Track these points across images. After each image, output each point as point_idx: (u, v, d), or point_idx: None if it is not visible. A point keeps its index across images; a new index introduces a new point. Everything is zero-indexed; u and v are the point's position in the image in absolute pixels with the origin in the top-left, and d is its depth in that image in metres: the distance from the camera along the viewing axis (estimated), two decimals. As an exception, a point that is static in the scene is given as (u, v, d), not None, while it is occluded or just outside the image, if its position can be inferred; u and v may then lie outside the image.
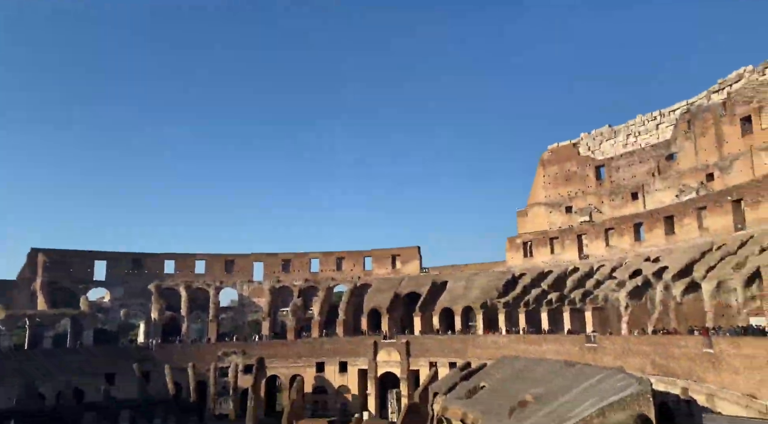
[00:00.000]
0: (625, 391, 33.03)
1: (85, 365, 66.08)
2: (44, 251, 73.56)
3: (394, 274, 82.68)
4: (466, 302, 69.20)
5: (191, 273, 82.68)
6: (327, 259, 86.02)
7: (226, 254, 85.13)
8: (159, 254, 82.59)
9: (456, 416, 48.60)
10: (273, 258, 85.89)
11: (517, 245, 74.01)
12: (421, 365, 67.44)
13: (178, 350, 72.46)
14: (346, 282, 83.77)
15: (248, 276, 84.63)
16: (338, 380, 71.94)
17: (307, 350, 74.21)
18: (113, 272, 78.35)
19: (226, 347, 73.96)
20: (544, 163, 76.47)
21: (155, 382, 68.39)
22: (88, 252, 77.89)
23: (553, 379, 45.95)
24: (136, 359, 68.81)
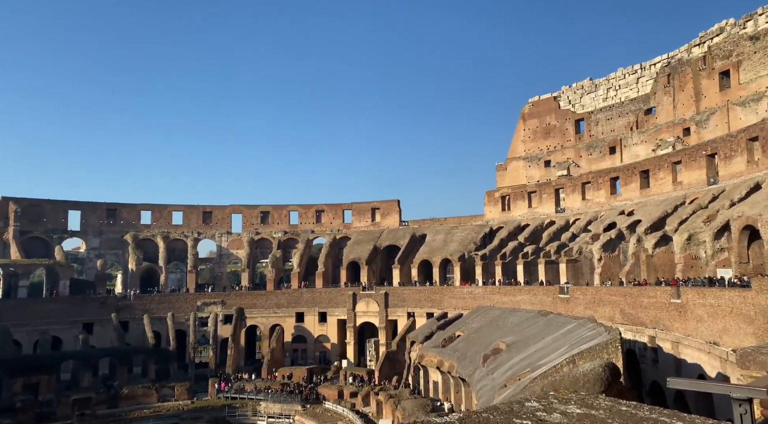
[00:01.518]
0: (594, 339, 34.11)
1: (62, 314, 65.88)
2: (15, 200, 71.81)
3: (374, 227, 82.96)
4: (444, 255, 70.03)
5: (168, 224, 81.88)
6: (306, 211, 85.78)
7: (204, 205, 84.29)
8: (135, 204, 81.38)
9: (432, 364, 49.99)
10: (252, 210, 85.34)
11: (495, 199, 74.51)
12: (399, 316, 68.71)
13: (156, 300, 72.51)
14: (326, 235, 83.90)
15: (227, 227, 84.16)
16: (317, 329, 73.07)
17: (287, 300, 74.90)
18: (88, 222, 77.19)
19: (205, 297, 74.28)
20: (524, 116, 76.16)
21: (134, 331, 68.74)
22: (62, 201, 76.33)
23: (526, 328, 47.21)
24: (114, 309, 68.81)
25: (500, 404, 4.69)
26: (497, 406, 4.69)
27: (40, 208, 73.90)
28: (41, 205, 74.21)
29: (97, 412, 54.13)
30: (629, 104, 64.89)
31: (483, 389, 38.39)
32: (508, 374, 37.78)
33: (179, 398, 58.86)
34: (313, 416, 53.30)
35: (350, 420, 50.95)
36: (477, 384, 40.34)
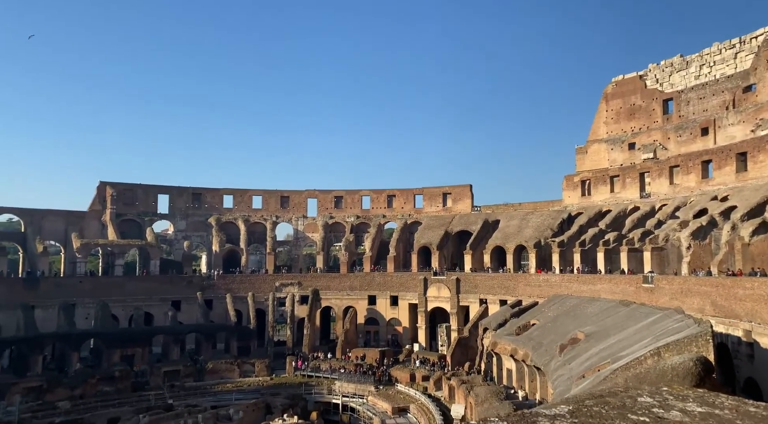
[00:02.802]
0: (682, 332, 32.28)
1: (153, 292, 70.65)
2: (112, 184, 77.30)
3: (445, 212, 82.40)
4: (518, 241, 68.51)
5: (249, 208, 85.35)
6: (378, 196, 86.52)
7: (281, 190, 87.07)
8: (218, 188, 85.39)
9: (505, 352, 49.27)
10: (326, 195, 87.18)
11: (574, 184, 71.74)
12: (471, 302, 68.14)
13: (237, 280, 76.04)
14: (397, 219, 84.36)
15: (303, 212, 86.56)
16: (389, 313, 73.95)
17: (359, 283, 76.21)
18: (176, 206, 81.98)
19: (282, 278, 77.01)
20: (607, 97, 72.45)
21: (217, 309, 72.60)
22: (152, 186, 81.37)
23: (606, 318, 45.43)
24: (199, 288, 72.93)
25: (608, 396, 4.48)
26: (607, 400, 4.48)
27: (133, 193, 79.21)
28: (134, 189, 79.50)
29: (185, 384, 57.80)
30: (725, 82, 60.06)
31: (560, 379, 37.42)
32: (586, 364, 36.58)
33: (259, 374, 61.68)
34: (386, 398, 54.18)
35: (422, 403, 51.36)
36: (553, 374, 39.37)
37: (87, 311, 65.22)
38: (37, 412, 47.49)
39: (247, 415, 47.56)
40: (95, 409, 49.39)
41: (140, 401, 52.18)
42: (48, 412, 47.99)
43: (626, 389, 5.38)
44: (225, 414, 46.42)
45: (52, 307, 62.91)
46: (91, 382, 53.91)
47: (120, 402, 51.73)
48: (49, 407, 49.12)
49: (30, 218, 71.41)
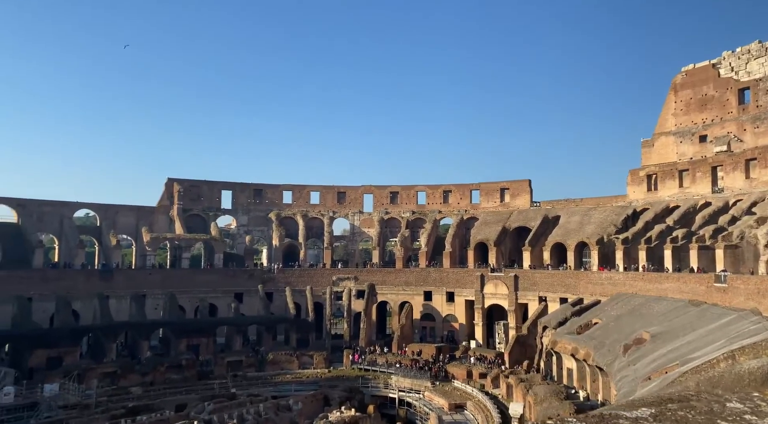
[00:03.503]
0: (760, 334, 30.49)
1: (217, 284, 73.50)
2: (179, 181, 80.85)
3: (503, 208, 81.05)
4: (580, 237, 66.54)
5: (307, 203, 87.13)
6: (434, 192, 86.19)
7: (338, 186, 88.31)
8: (278, 185, 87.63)
9: (566, 350, 48.11)
10: (382, 190, 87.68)
11: (639, 178, 68.87)
12: (530, 299, 66.83)
13: (296, 274, 77.85)
14: (453, 215, 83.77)
15: (359, 207, 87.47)
16: (445, 309, 73.63)
17: (415, 278, 76.27)
18: (238, 202, 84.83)
19: (339, 272, 78.17)
20: (676, 87, 68.98)
21: (277, 302, 74.65)
22: (216, 182, 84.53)
23: (673, 318, 43.52)
24: (260, 281, 75.21)
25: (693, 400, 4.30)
26: (693, 404, 4.30)
27: (198, 189, 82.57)
28: (200, 185, 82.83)
29: (247, 374, 59.78)
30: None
31: (624, 380, 36.22)
32: (652, 366, 35.23)
33: (317, 366, 62.97)
34: (443, 394, 54.08)
35: (479, 400, 50.94)
36: (616, 374, 38.14)
37: (156, 301, 68.67)
38: (112, 396, 50.38)
39: (306, 406, 48.60)
40: (164, 395, 51.85)
41: (205, 389, 54.39)
42: (122, 396, 50.83)
43: (698, 393, 5.14)
44: (285, 404, 47.60)
45: (125, 297, 66.66)
46: (160, 369, 56.72)
47: (187, 389, 54.10)
48: (122, 392, 52.04)
49: (105, 213, 75.76)
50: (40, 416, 42.74)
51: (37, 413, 43.21)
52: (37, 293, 61.51)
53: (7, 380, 47.90)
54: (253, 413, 43.70)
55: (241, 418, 42.59)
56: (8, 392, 44.93)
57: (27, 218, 69.01)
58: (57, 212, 71.47)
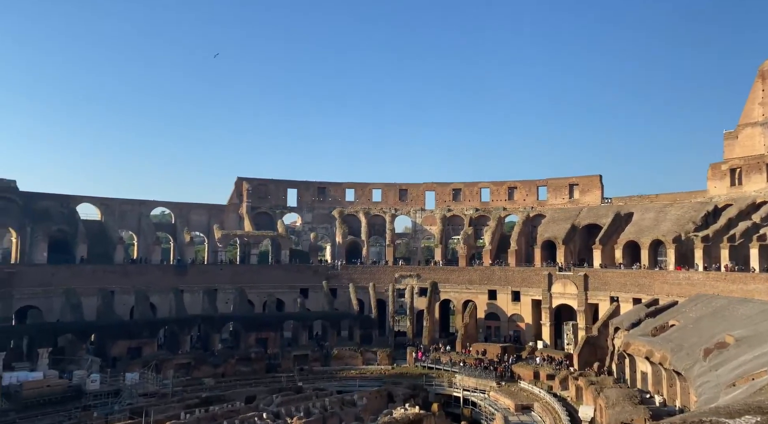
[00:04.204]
0: None
1: (284, 279, 75.60)
2: (247, 180, 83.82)
3: (572, 204, 78.37)
4: (655, 235, 63.26)
5: (369, 201, 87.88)
6: (498, 188, 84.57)
7: (400, 183, 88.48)
8: (341, 183, 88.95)
9: (640, 353, 45.86)
10: (444, 187, 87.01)
11: (722, 173, 64.62)
12: (601, 300, 64.27)
13: (359, 270, 78.68)
14: (518, 212, 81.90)
15: (421, 204, 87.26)
16: (511, 308, 72.12)
17: (479, 277, 75.14)
18: (303, 200, 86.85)
19: (402, 270, 78.28)
20: (764, 75, 64.14)
21: (341, 298, 75.77)
22: (282, 181, 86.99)
23: (761, 322, 40.50)
24: (324, 277, 76.60)
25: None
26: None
27: (266, 187, 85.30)
28: (267, 184, 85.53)
29: (313, 368, 60.99)
30: None
31: (705, 385, 34.05)
32: (737, 371, 32.92)
33: (381, 362, 63.34)
34: (508, 394, 52.96)
35: (547, 402, 49.50)
36: (696, 380, 35.92)
37: (227, 296, 71.43)
38: (187, 386, 52.82)
39: (370, 402, 48.93)
40: (234, 387, 53.79)
41: (273, 382, 55.91)
42: (196, 387, 53.19)
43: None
44: (350, 400, 48.16)
45: (198, 292, 69.77)
46: (231, 362, 58.89)
47: (255, 382, 55.89)
48: (196, 383, 54.45)
49: (179, 211, 79.64)
50: (122, 402, 45.40)
51: (120, 400, 45.94)
52: (118, 286, 65.46)
53: (93, 368, 51.26)
54: (319, 407, 44.50)
55: (308, 411, 43.48)
56: (95, 380, 48.09)
57: (109, 216, 73.55)
58: (136, 211, 75.77)
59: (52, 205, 68.37)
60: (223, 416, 41.14)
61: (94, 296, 62.41)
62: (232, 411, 42.86)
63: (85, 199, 73.01)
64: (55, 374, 49.57)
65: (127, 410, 43.04)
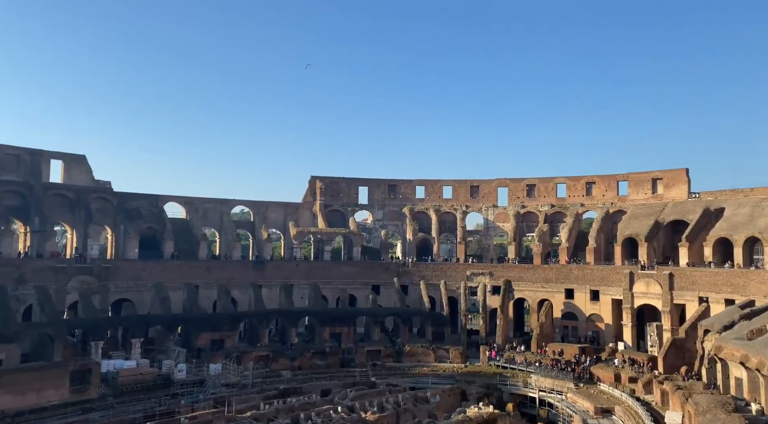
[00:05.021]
0: None
1: (356, 276, 76.91)
2: (321, 178, 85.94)
3: (655, 200, 74.30)
4: (750, 232, 58.84)
5: (439, 198, 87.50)
6: (575, 184, 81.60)
7: (471, 180, 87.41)
8: (411, 180, 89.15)
9: (733, 358, 42.79)
10: (517, 183, 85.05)
11: (827, 163, 59.06)
12: (688, 300, 60.58)
13: (430, 268, 78.55)
14: (597, 208, 78.68)
15: (493, 201, 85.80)
16: (589, 308, 69.48)
17: (555, 275, 72.90)
18: (373, 197, 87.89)
19: (474, 268, 77.37)
20: None
21: (412, 295, 76.00)
22: (354, 179, 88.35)
23: None
24: (395, 274, 77.12)
25: None
26: None
27: (337, 185, 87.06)
28: (339, 182, 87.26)
29: (386, 364, 61.58)
30: None
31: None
32: None
33: (453, 360, 62.97)
34: (587, 396, 51.09)
35: (629, 406, 47.31)
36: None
37: (302, 291, 73.60)
38: (266, 378, 54.90)
39: (443, 400, 48.82)
40: (310, 380, 55.31)
41: (347, 376, 56.95)
42: (274, 379, 55.15)
43: None
44: (423, 397, 48.24)
45: (275, 287, 72.36)
46: (306, 355, 60.59)
47: (330, 376, 57.16)
48: (274, 375, 56.45)
49: (257, 209, 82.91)
50: (207, 392, 47.87)
51: (204, 389, 48.44)
52: (202, 281, 69.03)
53: (180, 359, 54.39)
54: (393, 403, 44.88)
55: (381, 407, 43.97)
56: (181, 369, 51.02)
57: (193, 214, 77.66)
58: (217, 209, 79.57)
59: (143, 205, 73.08)
60: (300, 408, 42.41)
61: (181, 289, 66.18)
62: (308, 404, 44.12)
63: (172, 198, 77.43)
64: (146, 363, 53.07)
65: (211, 399, 45.33)
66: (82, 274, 61.83)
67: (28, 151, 64.93)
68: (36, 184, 64.14)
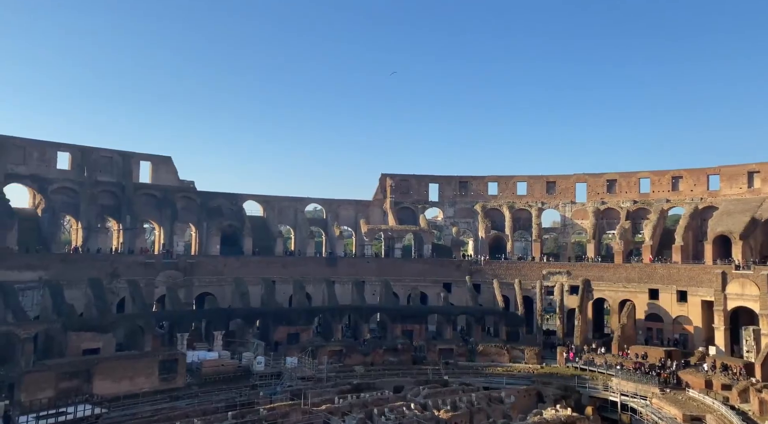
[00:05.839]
0: None
1: (426, 273, 76.64)
2: (391, 176, 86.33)
3: (751, 194, 68.69)
4: None
5: (513, 194, 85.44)
6: (660, 178, 77.01)
7: (547, 175, 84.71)
8: (483, 176, 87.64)
9: None
10: (597, 178, 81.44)
11: None
12: (791, 303, 55.56)
13: (504, 266, 76.83)
14: (684, 204, 73.89)
15: (570, 197, 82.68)
16: (675, 309, 65.36)
17: (638, 275, 69.14)
18: (444, 194, 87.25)
19: (550, 266, 74.91)
20: None
21: (485, 294, 74.71)
22: (424, 176, 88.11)
23: None
24: (467, 272, 76.09)
25: None
26: None
27: (408, 183, 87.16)
28: (409, 179, 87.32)
29: (458, 363, 60.87)
30: None
31: None
32: None
33: (529, 361, 61.30)
34: (674, 403, 48.08)
35: (722, 415, 44.05)
36: None
37: (373, 288, 74.37)
38: (339, 372, 55.79)
39: (518, 400, 47.62)
40: (383, 376, 55.64)
41: (419, 373, 56.76)
42: (347, 373, 55.94)
43: None
44: (497, 397, 47.27)
45: (347, 283, 73.56)
46: (378, 351, 61.01)
47: (402, 372, 57.19)
48: (347, 370, 57.26)
49: (329, 206, 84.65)
50: (284, 384, 49.29)
51: (281, 382, 49.93)
52: (278, 277, 71.30)
53: (259, 351, 56.42)
54: (466, 402, 44.28)
55: (455, 405, 43.50)
56: (260, 362, 52.94)
57: (270, 212, 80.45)
58: (292, 207, 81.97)
59: (223, 203, 76.51)
60: (374, 403, 42.73)
61: (259, 284, 68.62)
62: (381, 399, 44.37)
63: (250, 197, 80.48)
64: (227, 354, 55.48)
65: (287, 391, 46.62)
66: (168, 269, 65.59)
67: (120, 153, 69.56)
68: (127, 185, 68.65)
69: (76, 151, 65.94)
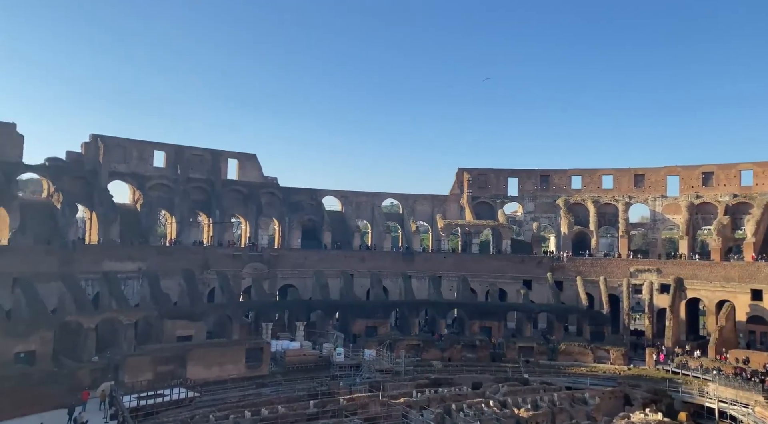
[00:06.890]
0: None
1: (505, 270, 75.04)
2: (468, 170, 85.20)
3: None
4: None
5: (598, 188, 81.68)
6: (765, 170, 70.65)
7: (635, 168, 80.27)
8: (566, 169, 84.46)
9: None
10: (691, 171, 76.11)
11: None
12: None
13: (588, 263, 73.70)
14: (795, 197, 67.50)
15: (661, 191, 77.85)
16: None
17: (738, 274, 64.03)
18: (524, 188, 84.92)
19: (638, 263, 71.00)
20: None
21: (567, 291, 72.04)
22: (502, 170, 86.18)
23: None
24: (548, 269, 73.73)
25: None
26: None
27: (485, 177, 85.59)
28: (486, 173, 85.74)
29: (539, 361, 59.22)
30: None
31: None
32: None
33: (614, 362, 58.61)
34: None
35: (839, 431, 40.00)
36: None
37: (450, 283, 73.86)
38: (417, 367, 55.94)
39: (603, 402, 45.72)
40: (461, 372, 55.16)
41: (498, 371, 55.79)
42: (425, 368, 55.99)
43: None
44: (580, 397, 45.65)
45: (424, 278, 73.58)
46: (456, 347, 60.59)
47: (480, 369, 56.39)
48: (425, 364, 57.29)
49: (405, 201, 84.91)
50: (362, 376, 50.21)
51: (360, 373, 50.90)
52: (356, 270, 72.68)
53: (338, 343, 57.81)
54: (547, 401, 43.14)
55: (535, 404, 42.49)
56: (339, 353, 54.22)
57: (348, 207, 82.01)
58: (369, 202, 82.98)
59: (304, 198, 78.96)
60: (451, 398, 42.57)
61: (337, 277, 70.26)
62: (459, 395, 44.12)
63: (329, 192, 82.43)
64: (308, 345, 57.29)
65: (366, 383, 47.47)
66: (254, 261, 68.69)
67: (210, 151, 73.45)
68: (216, 181, 72.45)
69: (170, 150, 70.29)
